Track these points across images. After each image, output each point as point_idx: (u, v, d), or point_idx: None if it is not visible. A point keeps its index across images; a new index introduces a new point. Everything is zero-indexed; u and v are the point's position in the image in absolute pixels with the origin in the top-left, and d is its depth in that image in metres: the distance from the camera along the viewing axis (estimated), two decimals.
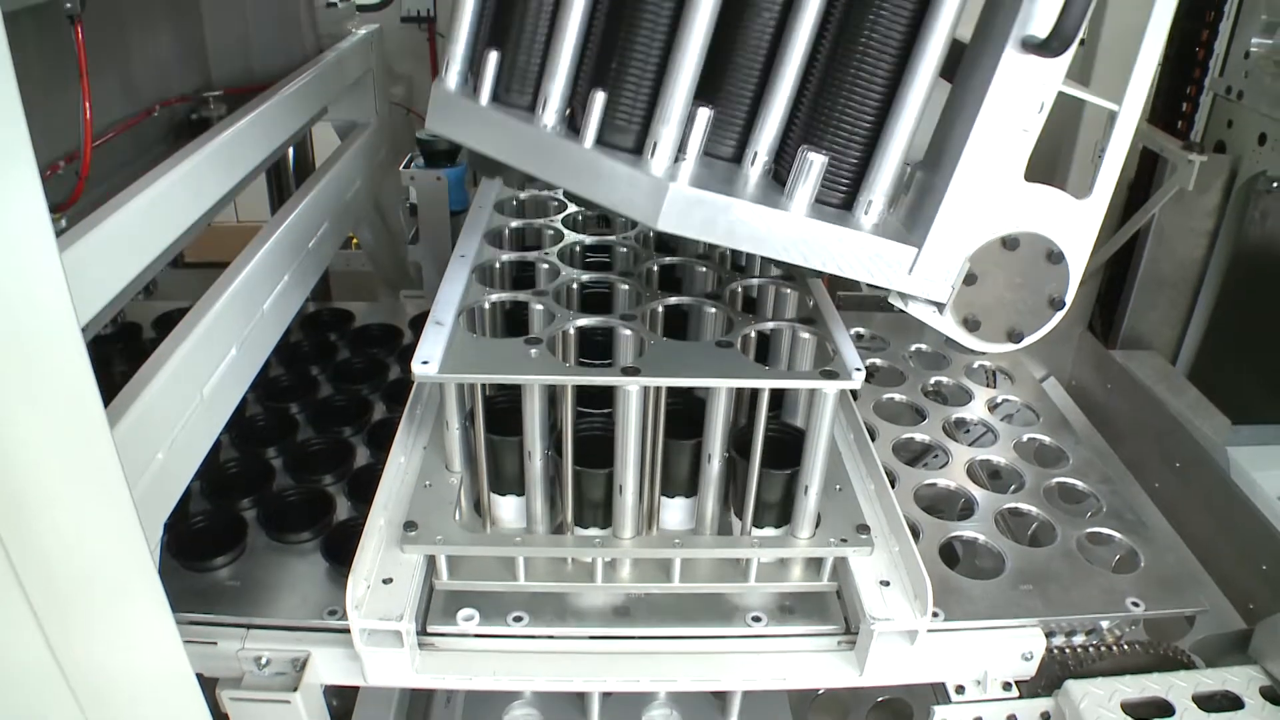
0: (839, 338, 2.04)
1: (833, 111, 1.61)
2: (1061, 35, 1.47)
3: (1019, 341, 1.79)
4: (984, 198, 1.64)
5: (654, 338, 2.00)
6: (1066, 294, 1.76)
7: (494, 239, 2.46)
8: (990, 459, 2.77)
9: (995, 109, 1.57)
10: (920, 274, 1.68)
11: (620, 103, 1.62)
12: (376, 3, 4.44)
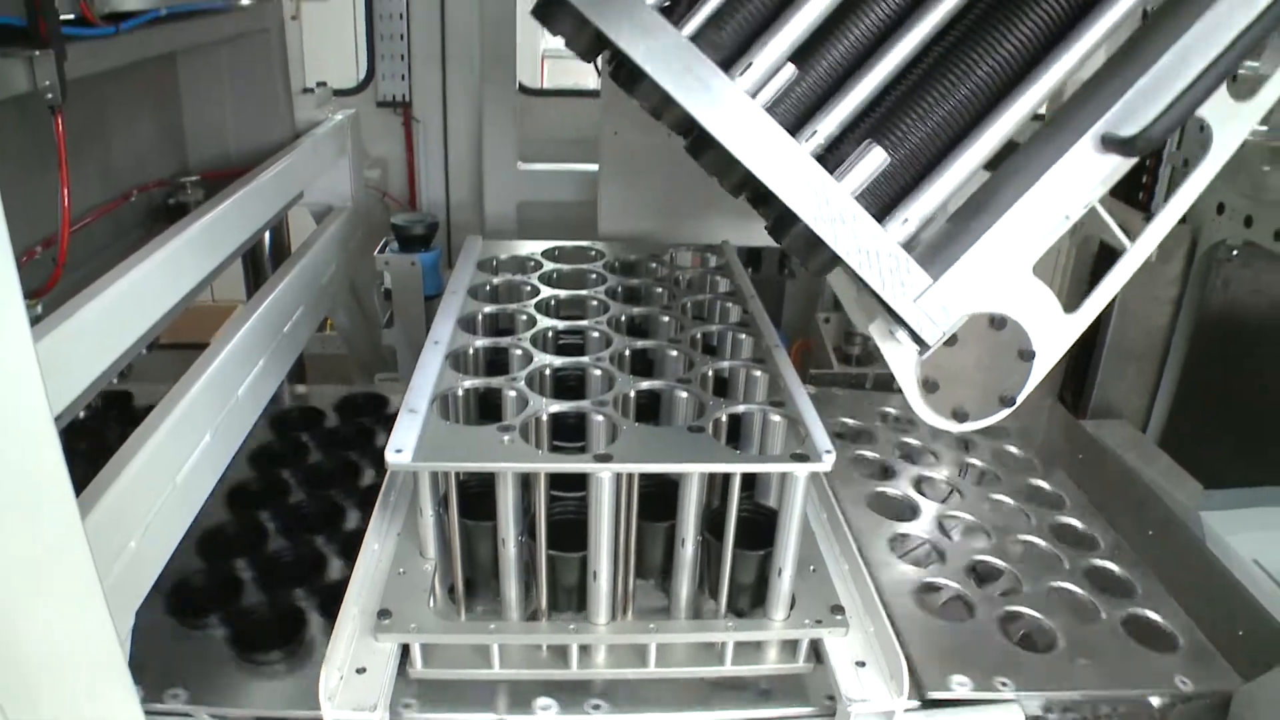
0: (809, 420, 2.06)
1: (912, 121, 1.63)
2: (1147, 139, 1.55)
3: (961, 421, 1.82)
4: (1006, 264, 1.67)
5: (626, 423, 2.02)
6: (1019, 395, 1.80)
7: (468, 324, 2.48)
8: (960, 514, 2.80)
9: (1052, 186, 1.62)
10: (923, 306, 1.67)
11: (726, 20, 1.62)
12: (353, 87, 4.50)
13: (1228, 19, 1.56)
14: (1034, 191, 1.63)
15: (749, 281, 2.82)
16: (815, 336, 4.11)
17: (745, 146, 1.57)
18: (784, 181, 1.58)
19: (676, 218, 3.42)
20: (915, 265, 1.64)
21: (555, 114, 4.52)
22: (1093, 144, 1.61)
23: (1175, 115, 1.56)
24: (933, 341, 1.70)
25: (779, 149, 1.57)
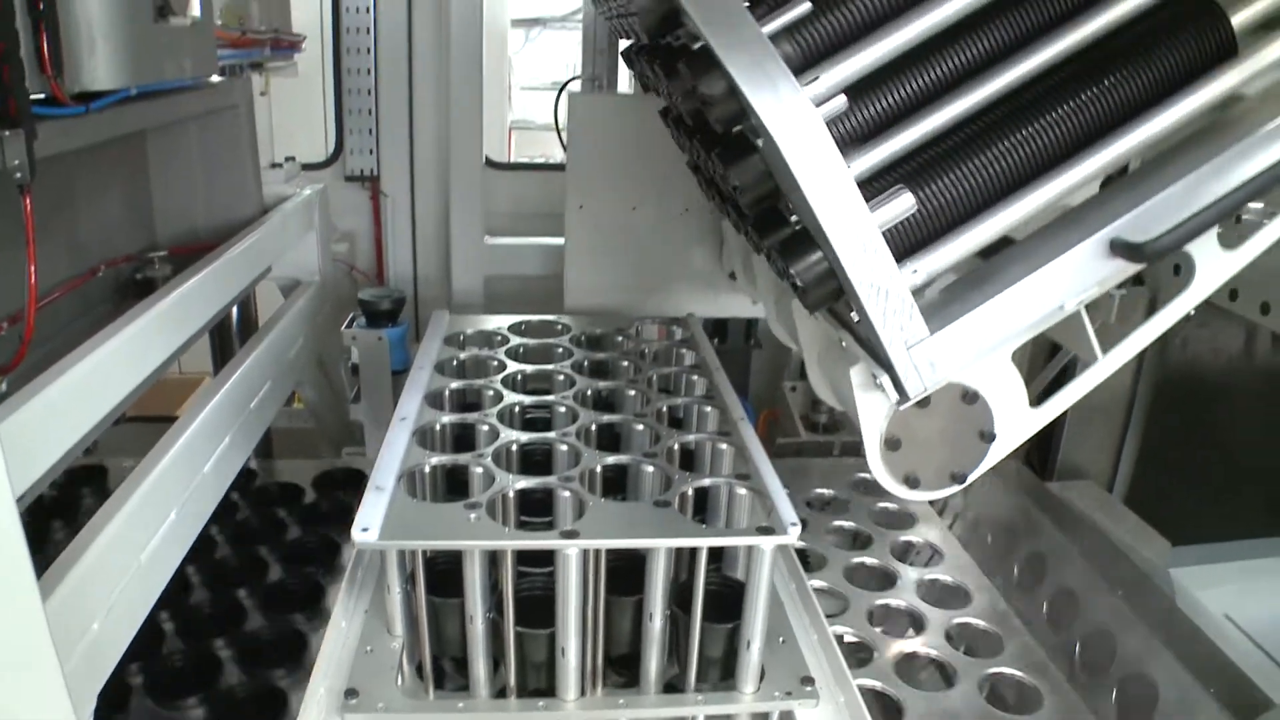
0: (774, 494, 2.08)
1: (950, 181, 1.65)
2: (1155, 249, 1.60)
3: (911, 488, 1.84)
4: (995, 340, 1.70)
5: (593, 498, 2.03)
6: (971, 474, 1.84)
7: (434, 400, 2.49)
8: (938, 578, 2.83)
9: (1054, 275, 1.66)
10: (915, 356, 1.67)
11: (800, 35, 1.64)
12: (321, 161, 4.54)
13: (1263, 149, 1.64)
14: (1036, 277, 1.67)
15: (714, 354, 2.85)
16: (782, 405, 4.15)
17: (797, 153, 1.53)
18: (824, 198, 1.55)
19: (642, 291, 3.46)
20: (918, 314, 1.64)
21: (522, 188, 4.56)
22: (1102, 244, 1.66)
23: (1187, 231, 1.62)
24: (914, 394, 1.70)
25: (828, 164, 1.54)
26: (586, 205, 3.37)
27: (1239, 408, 3.56)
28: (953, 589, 2.91)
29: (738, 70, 1.52)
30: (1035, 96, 1.70)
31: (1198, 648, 2.46)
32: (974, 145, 1.68)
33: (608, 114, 3.37)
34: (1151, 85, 1.69)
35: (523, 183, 4.63)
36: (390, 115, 4.41)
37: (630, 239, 3.41)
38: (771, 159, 1.63)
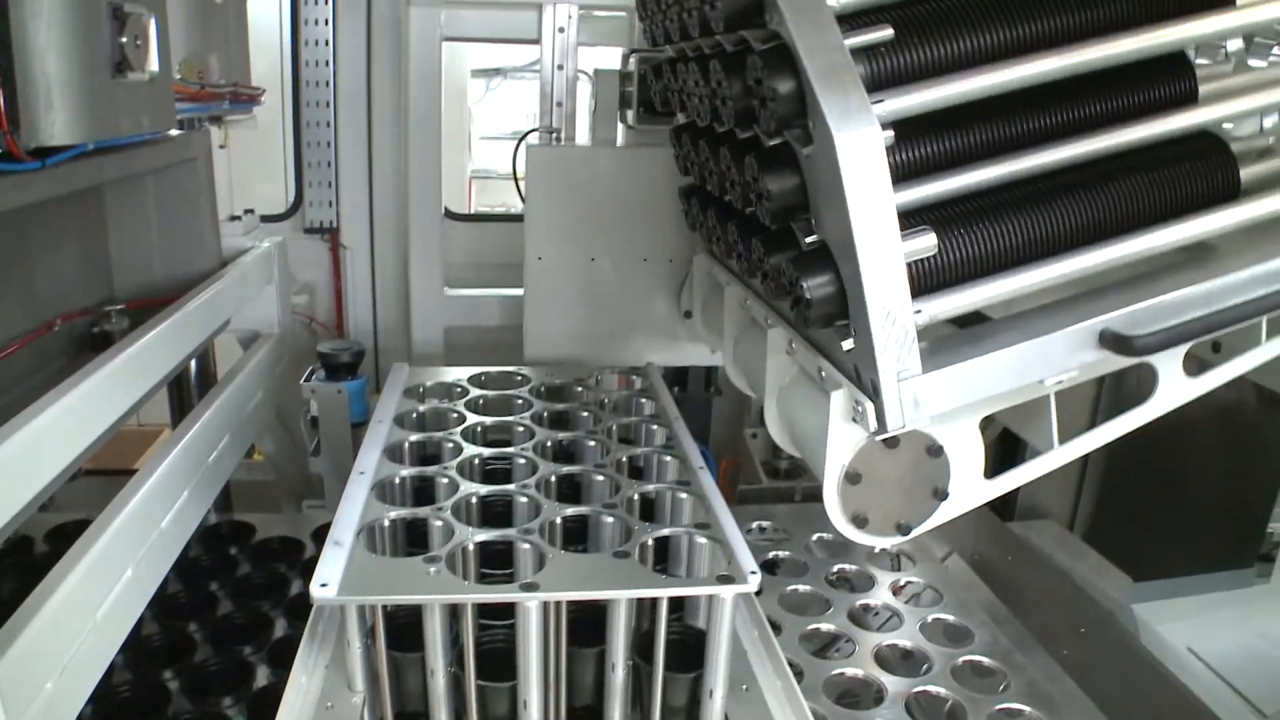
0: (734, 542, 2.09)
1: (976, 237, 1.76)
2: (1143, 346, 1.73)
3: (859, 527, 1.87)
4: (974, 399, 1.77)
5: (553, 550, 2.04)
6: (915, 529, 1.89)
7: (394, 453, 2.49)
8: (898, 643, 2.81)
9: (1044, 350, 1.77)
10: (904, 389, 1.71)
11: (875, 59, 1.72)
12: (281, 214, 4.53)
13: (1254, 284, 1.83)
14: (1026, 346, 1.76)
15: (673, 403, 2.87)
16: (743, 452, 4.16)
17: (853, 165, 1.58)
18: (866, 214, 1.60)
19: (602, 340, 3.48)
20: (917, 349, 1.69)
21: (482, 238, 4.58)
22: (1092, 331, 1.77)
23: (1174, 336, 1.77)
24: (893, 426, 1.74)
25: (877, 182, 1.60)
26: (545, 257, 3.40)
27: (1195, 445, 3.62)
28: (956, 628, 2.93)
29: (816, 73, 1.59)
30: (1059, 185, 1.83)
31: (1162, 682, 2.48)
32: (996, 213, 1.78)
33: (565, 166, 3.40)
34: (1161, 206, 1.87)
35: (483, 233, 4.64)
36: (350, 167, 4.41)
37: (589, 289, 3.43)
38: (816, 169, 1.70)
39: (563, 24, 3.81)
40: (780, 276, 1.88)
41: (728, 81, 1.84)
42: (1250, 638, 3.38)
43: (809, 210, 1.83)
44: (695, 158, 2.39)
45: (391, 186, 4.37)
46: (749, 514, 3.51)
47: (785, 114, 1.68)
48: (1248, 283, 1.83)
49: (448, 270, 4.20)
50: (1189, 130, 1.91)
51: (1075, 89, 1.87)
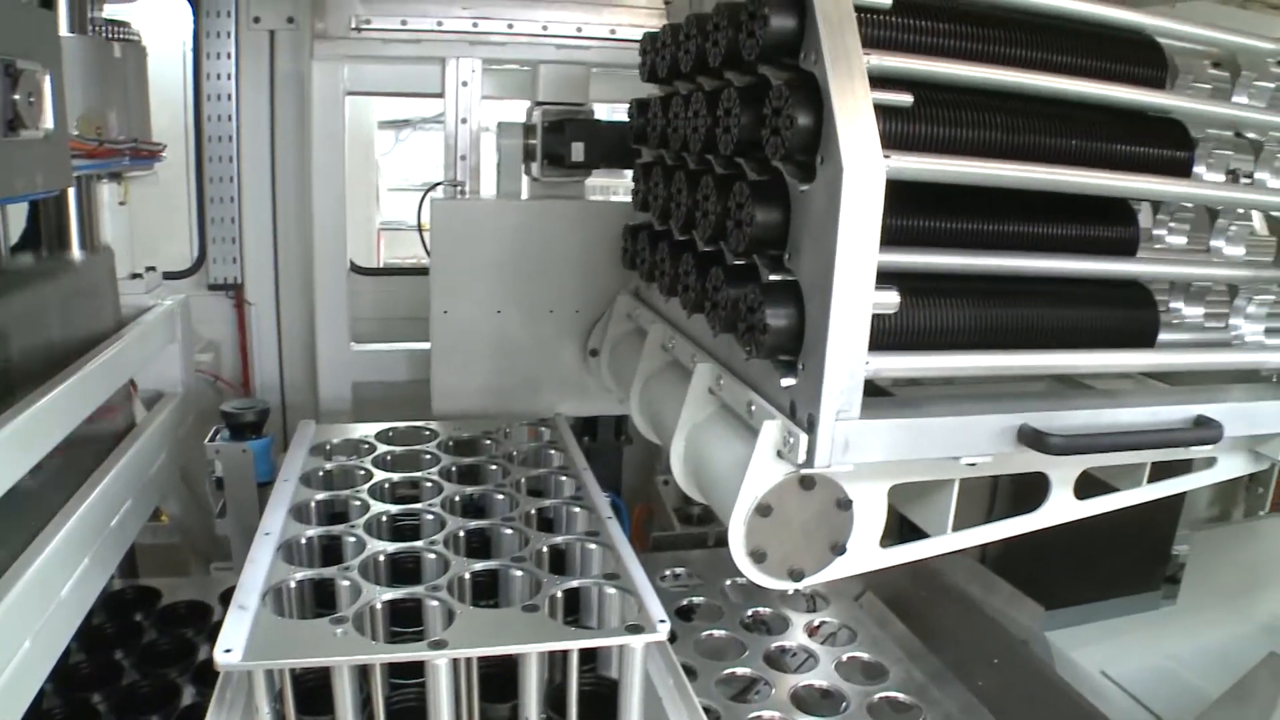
0: (643, 591, 2.11)
1: (939, 309, 1.93)
2: (1055, 447, 1.88)
3: (755, 563, 1.92)
4: (895, 460, 1.89)
5: (462, 606, 2.03)
6: (807, 577, 1.95)
7: (300, 513, 2.47)
8: (814, 683, 2.83)
9: (966, 430, 1.94)
10: (839, 429, 1.80)
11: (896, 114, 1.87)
12: (184, 270, 4.48)
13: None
14: (954, 420, 1.92)
15: (581, 454, 2.88)
16: (655, 499, 4.18)
17: (855, 202, 1.69)
18: (852, 253, 1.72)
19: (510, 393, 3.48)
20: (860, 395, 1.80)
21: (389, 292, 4.57)
22: (1014, 423, 1.93)
23: (1088, 445, 1.96)
24: (820, 462, 1.82)
25: (870, 225, 1.71)
26: (451, 310, 3.40)
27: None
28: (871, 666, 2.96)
29: (842, 113, 1.70)
30: (1009, 289, 2.04)
31: (1076, 707, 2.54)
32: (950, 295, 1.95)
33: (470, 219, 3.41)
34: (1089, 335, 2.13)
35: (390, 287, 4.63)
36: (254, 222, 4.38)
37: (496, 342, 3.44)
38: (811, 205, 1.82)
39: (466, 78, 3.83)
40: (738, 307, 1.97)
41: (741, 109, 1.95)
42: (1160, 658, 3.48)
43: (780, 246, 1.93)
44: (661, 192, 2.48)
45: (297, 241, 4.34)
46: (663, 561, 3.51)
47: (796, 146, 1.79)
48: (1148, 419, 2.10)
49: (355, 325, 4.17)
50: (1124, 277, 2.23)
51: (1047, 207, 2.12)
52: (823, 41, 1.72)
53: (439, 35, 3.75)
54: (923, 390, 2.12)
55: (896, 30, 1.88)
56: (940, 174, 1.82)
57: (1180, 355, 2.24)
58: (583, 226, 3.39)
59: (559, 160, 3.36)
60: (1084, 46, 2.10)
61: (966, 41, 1.95)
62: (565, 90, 3.50)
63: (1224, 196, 2.31)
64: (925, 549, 2.13)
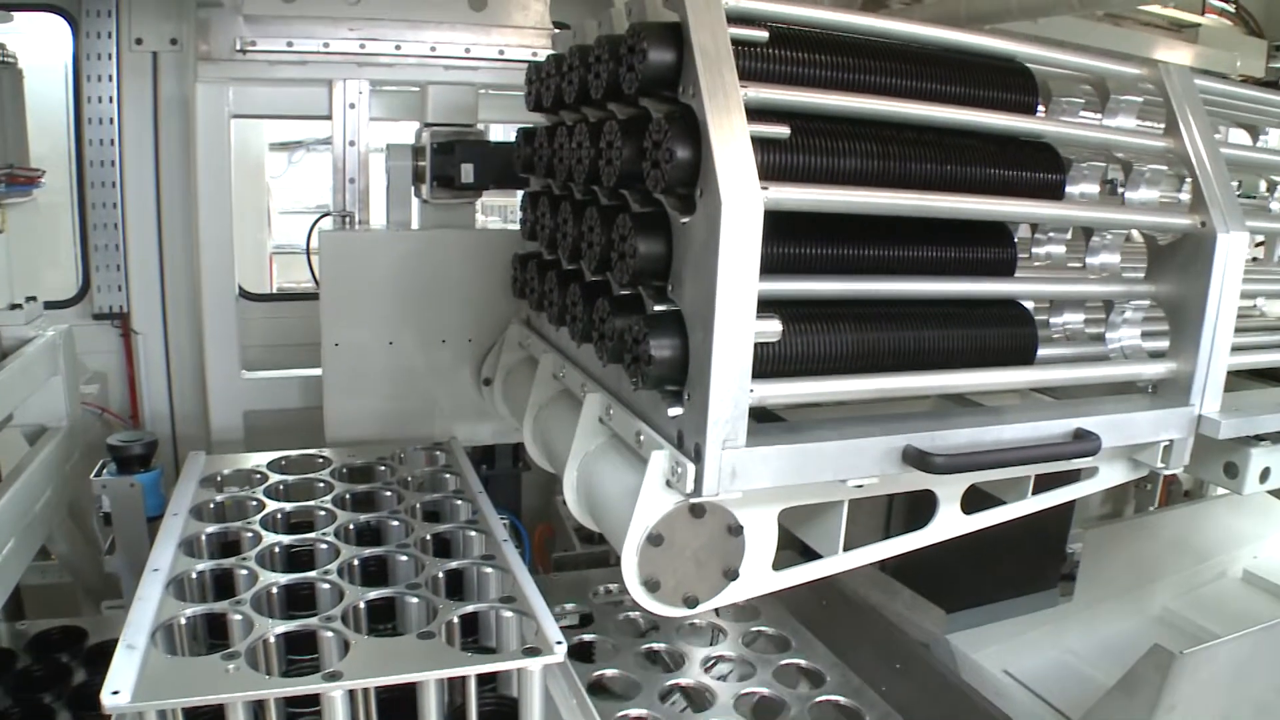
0: (539, 614, 2.13)
1: (821, 336, 1.97)
2: (939, 466, 1.94)
3: (650, 591, 1.94)
4: (792, 479, 1.93)
5: (357, 636, 2.03)
6: (701, 603, 1.98)
7: (190, 547, 2.43)
8: (742, 689, 2.87)
9: (852, 452, 1.97)
10: (725, 458, 1.83)
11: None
12: (67, 300, 4.37)
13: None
14: (840, 444, 1.95)
15: (477, 478, 2.89)
16: (555, 520, 4.19)
17: (734, 235, 1.72)
18: (732, 285, 1.75)
19: (405, 419, 3.47)
20: (745, 423, 1.82)
21: (280, 318, 4.50)
22: (898, 444, 1.98)
23: (971, 463, 2.02)
24: (708, 491, 1.84)
25: (749, 257, 1.75)
26: (343, 342, 3.37)
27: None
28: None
29: (720, 147, 1.73)
30: (891, 313, 2.10)
31: (978, 708, 2.60)
32: (831, 322, 2.00)
33: (359, 251, 3.41)
34: (970, 355, 2.20)
35: (282, 313, 4.56)
36: (139, 249, 4.29)
37: (389, 372, 3.42)
38: (692, 236, 1.84)
39: (353, 100, 3.81)
40: (623, 337, 1.98)
41: (623, 142, 1.96)
42: (1060, 653, 3.59)
43: (663, 277, 1.96)
44: (549, 222, 2.49)
45: (184, 268, 4.27)
46: (565, 582, 3.51)
47: (676, 179, 1.81)
48: (1029, 434, 2.16)
49: (246, 352, 4.11)
50: (1001, 296, 2.31)
51: (924, 232, 2.17)
52: (700, 75, 1.75)
53: (325, 57, 3.72)
54: (817, 413, 2.16)
55: (774, 62, 1.92)
56: (818, 203, 1.86)
57: (1057, 371, 2.32)
58: (473, 255, 3.39)
59: (449, 182, 3.37)
60: (957, 75, 2.17)
61: (844, 72, 2.00)
62: (454, 111, 3.51)
63: (1087, 217, 2.40)
64: (818, 570, 2.17)
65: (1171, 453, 2.38)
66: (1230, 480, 2.59)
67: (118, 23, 4.11)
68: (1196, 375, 2.33)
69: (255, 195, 6.49)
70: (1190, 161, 2.33)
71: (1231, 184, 2.38)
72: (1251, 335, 2.77)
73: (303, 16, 3.66)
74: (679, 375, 1.88)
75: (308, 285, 6.43)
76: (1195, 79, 2.47)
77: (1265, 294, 3.17)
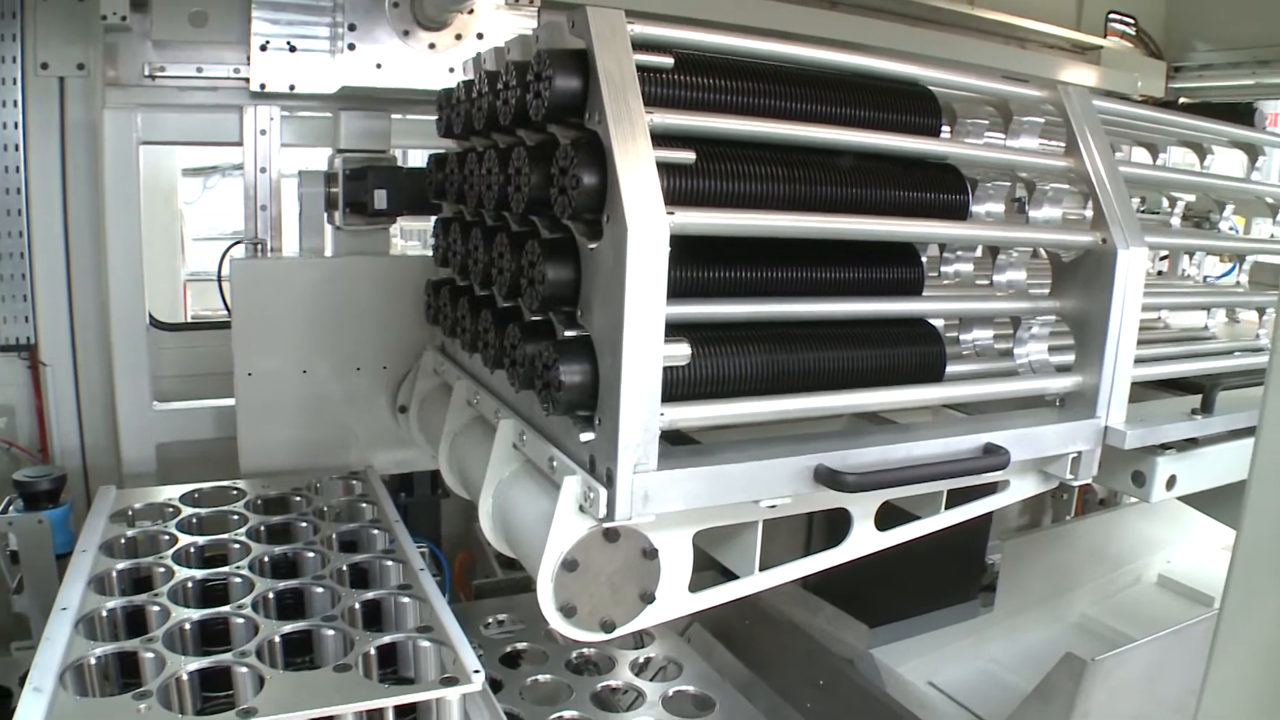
0: (457, 643, 2.12)
1: (728, 360, 1.98)
2: (849, 485, 1.96)
3: (566, 617, 1.95)
4: (706, 501, 1.94)
5: (272, 671, 2.00)
6: (619, 628, 2.00)
7: (100, 585, 2.38)
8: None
9: (764, 473, 1.99)
10: (637, 482, 1.84)
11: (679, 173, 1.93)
12: None
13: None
14: (752, 465, 1.97)
15: (393, 507, 2.87)
16: (476, 547, 4.16)
17: (640, 260, 1.74)
18: (639, 310, 1.76)
19: (320, 449, 3.42)
20: (656, 447, 1.84)
21: (193, 348, 4.43)
22: (810, 464, 2.00)
23: (881, 481, 2.05)
24: (621, 516, 1.85)
25: (656, 282, 1.77)
26: (256, 372, 3.33)
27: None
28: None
29: (626, 172, 1.75)
30: (801, 335, 2.12)
31: None
32: (741, 344, 2.02)
33: (272, 279, 3.37)
34: (880, 374, 2.24)
35: (196, 342, 4.48)
36: (46, 278, 4.18)
37: (304, 400, 3.38)
38: (599, 262, 1.86)
39: (264, 126, 3.77)
40: (534, 363, 1.99)
41: (530, 168, 1.97)
42: (983, 663, 3.65)
43: (573, 302, 1.97)
44: (460, 247, 2.50)
45: (93, 297, 4.18)
46: (487, 608, 3.50)
47: (583, 205, 1.82)
48: (940, 450, 2.20)
49: (159, 383, 4.04)
50: (909, 315, 2.36)
51: (833, 254, 2.22)
52: (605, 102, 1.77)
53: (236, 82, 3.68)
54: (732, 434, 2.18)
55: (680, 88, 1.94)
56: (724, 228, 1.89)
57: (967, 387, 2.38)
58: (387, 282, 3.37)
59: (362, 208, 3.34)
60: (862, 98, 2.21)
61: (749, 97, 2.03)
62: (367, 137, 3.49)
63: (991, 236, 2.47)
64: (734, 590, 2.19)
65: (1080, 464, 2.44)
66: (1138, 489, 2.65)
67: (22, 47, 4.01)
68: (1102, 388, 2.39)
69: (168, 222, 6.37)
70: (1090, 180, 2.39)
71: (1132, 201, 2.45)
72: (1156, 347, 2.86)
73: (213, 42, 3.62)
74: (589, 400, 1.89)
75: (224, 313, 6.33)
76: (1096, 100, 2.54)
77: (1168, 307, 3.28)
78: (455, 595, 3.79)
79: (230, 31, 3.62)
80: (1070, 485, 2.54)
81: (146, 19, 3.52)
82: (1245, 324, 3.79)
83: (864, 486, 2.01)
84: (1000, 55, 4.44)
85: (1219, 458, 2.68)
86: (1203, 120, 3.26)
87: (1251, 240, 4.06)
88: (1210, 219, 3.73)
